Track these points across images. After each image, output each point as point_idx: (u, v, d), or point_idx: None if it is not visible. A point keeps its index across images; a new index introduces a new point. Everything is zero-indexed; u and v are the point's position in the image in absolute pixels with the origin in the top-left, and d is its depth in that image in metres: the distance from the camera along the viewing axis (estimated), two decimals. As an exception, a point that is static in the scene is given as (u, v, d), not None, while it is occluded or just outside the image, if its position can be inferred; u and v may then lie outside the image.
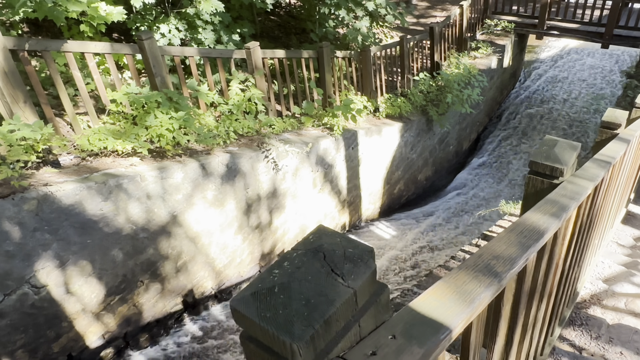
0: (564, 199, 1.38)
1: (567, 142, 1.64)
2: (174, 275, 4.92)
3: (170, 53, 5.13)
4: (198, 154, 4.89)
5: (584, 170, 1.74)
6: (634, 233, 4.64)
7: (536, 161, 1.60)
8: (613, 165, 2.10)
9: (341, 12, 7.05)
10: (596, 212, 2.41)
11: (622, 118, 2.61)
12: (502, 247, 0.99)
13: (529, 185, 1.67)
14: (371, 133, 7.35)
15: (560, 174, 1.56)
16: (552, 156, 1.57)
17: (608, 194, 2.60)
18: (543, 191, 1.58)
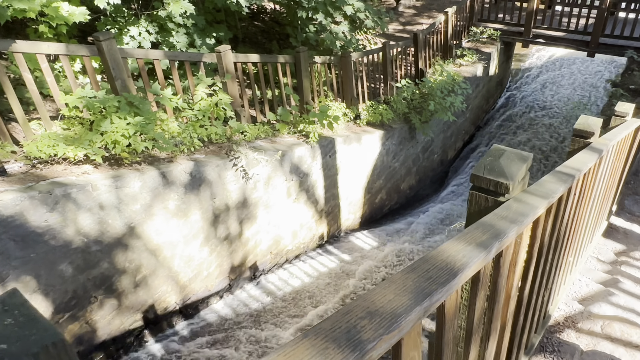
0: (502, 223, 1.14)
1: (515, 152, 1.40)
2: (132, 290, 4.64)
3: (132, 55, 4.88)
4: (159, 162, 4.63)
5: (539, 185, 1.50)
6: (615, 247, 4.43)
7: (478, 175, 1.36)
8: (579, 178, 1.88)
9: (319, 16, 6.84)
10: (565, 230, 2.19)
11: (595, 126, 2.40)
12: (387, 297, 0.74)
13: (471, 203, 1.43)
14: (350, 141, 7.13)
15: (505, 190, 1.33)
16: (496, 169, 1.33)
17: (580, 209, 2.38)
18: (487, 210, 1.35)
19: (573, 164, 1.85)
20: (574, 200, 2.07)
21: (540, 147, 10.86)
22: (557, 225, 1.86)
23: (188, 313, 5.43)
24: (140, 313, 4.84)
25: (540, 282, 1.96)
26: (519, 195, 1.37)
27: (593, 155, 2.09)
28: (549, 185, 1.52)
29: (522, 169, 1.36)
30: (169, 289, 5.05)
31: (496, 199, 1.36)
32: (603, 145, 2.33)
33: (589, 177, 2.26)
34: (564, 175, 1.68)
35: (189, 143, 4.82)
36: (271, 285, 6.29)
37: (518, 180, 1.35)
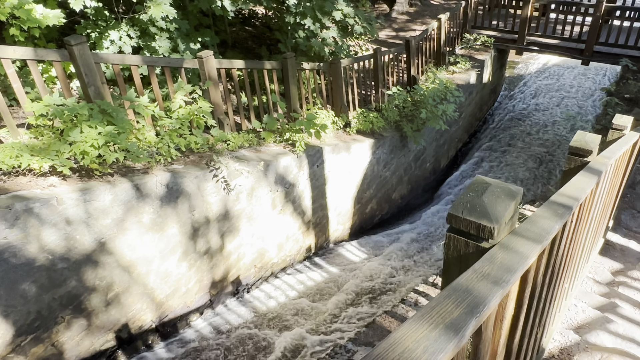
0: (481, 286, 0.91)
1: (502, 187, 1.17)
2: (103, 309, 4.37)
3: (107, 60, 4.64)
4: (134, 174, 4.38)
5: (531, 224, 1.27)
6: (612, 266, 4.22)
7: (456, 215, 1.14)
8: (580, 204, 1.67)
9: (307, 21, 6.63)
10: (561, 262, 1.97)
11: (593, 143, 2.18)
12: None
13: (449, 248, 1.20)
14: (339, 150, 6.91)
15: (489, 235, 1.10)
16: (478, 208, 1.11)
17: (577, 237, 2.17)
18: (468, 256, 1.13)
19: (570, 192, 1.63)
20: (571, 232, 1.85)
21: (535, 156, 10.69)
22: (552, 262, 1.64)
23: (166, 331, 5.17)
24: (113, 333, 4.57)
25: (532, 324, 1.74)
26: (507, 240, 1.14)
27: (592, 178, 1.88)
28: (543, 224, 1.29)
29: (510, 207, 1.13)
30: (144, 307, 4.79)
31: (478, 244, 1.13)
32: (602, 165, 2.12)
33: (587, 202, 2.05)
34: (561, 207, 1.46)
35: (166, 153, 4.57)
36: (255, 300, 6.03)
37: (505, 221, 1.12)
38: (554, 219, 1.35)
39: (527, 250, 1.13)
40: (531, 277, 1.35)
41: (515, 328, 1.49)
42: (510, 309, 1.23)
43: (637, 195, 5.53)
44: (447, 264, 1.21)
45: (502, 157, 10.86)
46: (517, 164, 10.55)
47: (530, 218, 1.32)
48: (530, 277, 1.34)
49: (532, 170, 10.35)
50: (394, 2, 13.92)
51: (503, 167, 10.50)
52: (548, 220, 1.33)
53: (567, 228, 1.67)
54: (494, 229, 1.09)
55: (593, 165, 2.09)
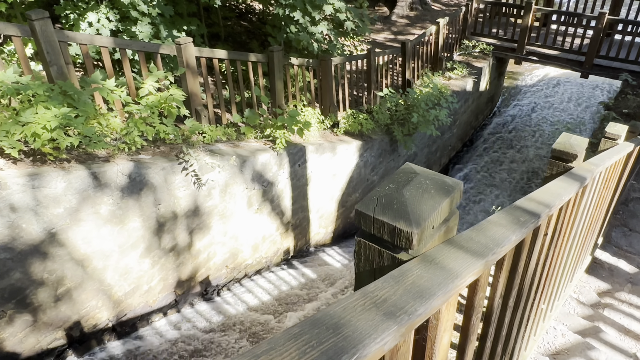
0: (363, 322, 0.59)
1: (433, 179, 0.86)
2: (52, 304, 4.07)
3: (74, 40, 4.35)
4: (94, 161, 4.09)
5: (477, 232, 0.97)
6: (598, 286, 3.94)
7: (365, 213, 0.84)
8: (551, 215, 1.39)
9: (296, 14, 6.36)
10: (534, 279, 1.69)
11: (578, 147, 1.91)
12: None
13: (360, 257, 0.91)
14: (323, 150, 6.62)
15: (407, 243, 0.81)
16: (396, 205, 0.81)
17: (556, 250, 1.89)
18: (383, 271, 0.84)
19: (541, 197, 1.34)
20: (546, 246, 1.57)
21: (525, 169, 10.44)
22: (517, 282, 1.36)
23: (124, 331, 4.86)
24: (63, 330, 4.27)
25: (492, 354, 1.45)
26: (434, 252, 0.85)
27: (573, 185, 1.60)
28: (494, 232, 1.00)
29: (441, 206, 0.84)
30: (100, 304, 4.49)
31: (394, 254, 0.84)
32: (587, 172, 1.84)
33: (568, 210, 1.77)
34: (525, 213, 1.18)
35: (131, 141, 4.28)
36: (224, 303, 5.73)
37: (431, 225, 0.83)
38: (510, 228, 1.06)
39: (460, 266, 0.83)
40: (477, 300, 1.06)
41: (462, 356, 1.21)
42: (443, 339, 0.94)
43: (630, 212, 5.26)
44: (359, 279, 0.92)
45: (492, 168, 10.61)
46: (505, 174, 10.30)
47: (478, 225, 1.03)
48: (476, 300, 1.06)
49: (520, 181, 10.10)
50: (394, 5, 13.69)
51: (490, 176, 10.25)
52: (502, 228, 1.03)
53: (537, 241, 1.39)
54: (413, 235, 0.80)
55: (576, 170, 1.81)
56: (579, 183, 1.67)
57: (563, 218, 1.77)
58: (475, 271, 0.85)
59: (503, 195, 9.81)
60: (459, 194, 0.90)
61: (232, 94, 6.02)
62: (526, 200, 1.30)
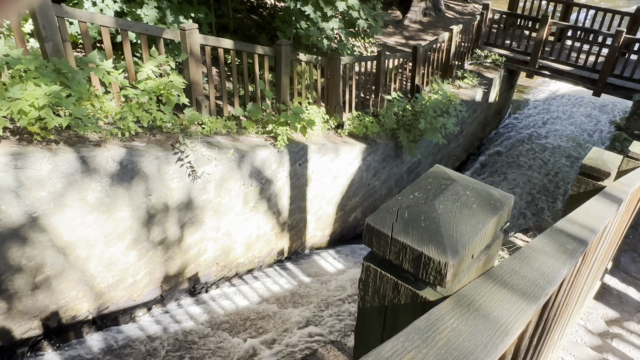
0: None
1: (475, 189, 0.58)
2: (29, 292, 3.85)
3: (73, 16, 4.14)
4: (84, 144, 3.88)
5: (522, 263, 0.71)
6: (606, 313, 3.73)
7: (380, 230, 0.59)
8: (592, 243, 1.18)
9: (308, 8, 6.15)
10: (555, 315, 1.48)
11: (612, 164, 1.70)
12: None
13: (367, 288, 0.62)
14: (326, 150, 6.41)
15: (438, 278, 0.54)
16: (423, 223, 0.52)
17: (578, 282, 1.68)
18: (398, 310, 0.59)
19: (585, 220, 1.12)
20: (573, 275, 1.36)
21: (532, 185, 10.23)
22: (544, 319, 1.16)
23: (104, 324, 4.65)
24: (39, 320, 4.05)
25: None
26: (472, 291, 0.62)
27: (611, 207, 1.40)
28: (543, 264, 0.78)
29: (486, 228, 0.62)
30: (81, 295, 4.27)
31: (416, 290, 0.63)
32: (622, 193, 1.63)
33: (599, 237, 1.57)
34: (570, 240, 0.96)
35: (125, 127, 4.07)
36: (212, 301, 5.52)
37: (471, 254, 0.62)
38: (559, 257, 0.84)
39: (509, 314, 0.60)
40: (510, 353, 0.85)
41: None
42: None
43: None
44: (363, 317, 0.71)
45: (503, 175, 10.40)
46: (517, 182, 10.09)
47: (522, 252, 0.82)
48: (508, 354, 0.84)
49: (531, 194, 9.89)
50: (407, 9, 13.49)
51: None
52: (550, 258, 0.82)
53: (574, 270, 1.18)
54: (448, 267, 0.59)
55: (611, 190, 1.60)
56: (617, 205, 1.46)
57: (594, 244, 1.56)
58: (525, 321, 0.63)
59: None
60: (508, 212, 0.68)
61: (236, 86, 5.81)
62: (568, 222, 1.08)
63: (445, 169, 0.73)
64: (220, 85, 5.76)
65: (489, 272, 0.70)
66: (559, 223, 1.07)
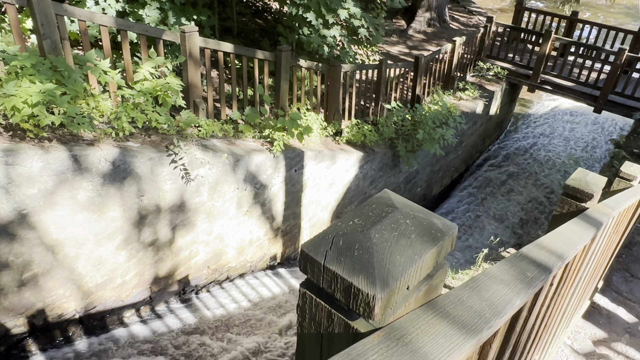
0: None
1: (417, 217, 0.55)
2: (15, 289, 3.84)
3: (73, 15, 4.15)
4: (77, 143, 3.87)
5: (471, 292, 0.70)
6: (594, 333, 3.70)
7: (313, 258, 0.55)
8: (567, 264, 1.16)
9: (309, 15, 6.16)
10: (529, 337, 1.46)
11: (595, 186, 1.69)
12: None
13: (304, 313, 0.61)
14: (322, 157, 6.41)
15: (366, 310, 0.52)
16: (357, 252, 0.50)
17: (556, 305, 1.66)
18: (332, 339, 0.57)
19: (555, 245, 1.11)
20: (548, 299, 1.35)
21: (520, 201, 10.21)
22: (512, 340, 1.14)
23: (91, 324, 4.62)
24: (25, 318, 4.03)
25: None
26: (404, 325, 0.59)
27: (589, 230, 1.38)
28: (493, 292, 0.75)
29: (423, 260, 0.59)
30: (68, 294, 4.25)
31: (348, 321, 0.61)
32: (604, 216, 1.62)
33: (576, 261, 1.55)
34: (533, 267, 0.95)
35: (119, 127, 4.07)
36: (202, 304, 5.49)
37: (405, 285, 0.59)
38: (515, 287, 0.81)
39: (442, 351, 0.57)
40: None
41: None
42: None
43: (634, 257, 5.02)
44: (302, 344, 0.69)
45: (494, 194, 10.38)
46: (508, 202, 10.07)
47: (473, 280, 0.79)
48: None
49: (524, 209, 9.86)
50: (412, 19, 13.53)
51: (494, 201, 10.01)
52: (504, 287, 0.79)
53: (540, 297, 1.16)
54: (375, 301, 0.58)
55: (592, 213, 1.59)
56: (595, 229, 1.44)
57: (571, 267, 1.54)
58: (462, 357, 0.61)
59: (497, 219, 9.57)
60: (451, 242, 0.66)
61: (235, 89, 5.81)
62: (536, 247, 1.06)
63: (391, 195, 0.71)
64: (219, 88, 5.76)
65: (431, 303, 0.68)
66: (526, 248, 1.05)
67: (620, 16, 21.36)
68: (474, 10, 15.64)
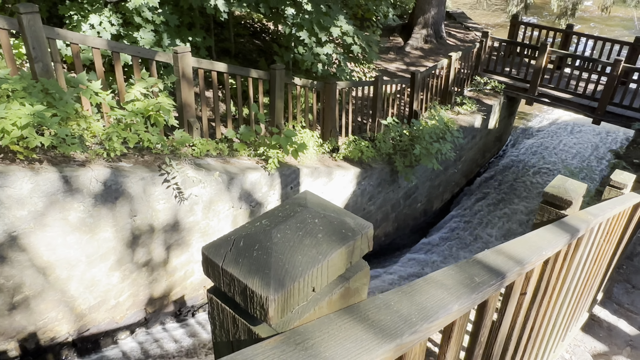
0: None
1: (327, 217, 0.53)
2: (6, 312, 3.81)
3: (65, 38, 4.21)
4: (68, 164, 3.88)
5: (404, 295, 0.64)
6: (594, 347, 3.61)
7: (213, 260, 0.52)
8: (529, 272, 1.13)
9: (302, 33, 6.23)
10: (508, 344, 1.41)
11: (574, 192, 1.66)
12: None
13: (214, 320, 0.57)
14: (318, 174, 6.40)
15: (263, 315, 0.50)
16: (256, 253, 0.51)
17: (541, 311, 1.62)
18: (240, 344, 0.56)
19: (514, 250, 1.06)
20: (524, 303, 1.31)
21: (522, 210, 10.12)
22: (479, 349, 1.10)
23: (85, 347, 4.57)
24: (16, 341, 3.99)
25: None
26: (309, 330, 0.52)
27: (560, 236, 1.35)
28: (428, 297, 0.71)
29: (328, 259, 0.54)
30: (61, 316, 4.22)
31: (250, 326, 0.58)
32: (582, 222, 1.58)
33: (557, 265, 1.51)
34: (485, 271, 0.90)
35: (110, 147, 4.08)
36: (199, 325, 5.43)
37: (310, 286, 0.55)
38: (456, 291, 0.76)
39: (345, 356, 0.54)
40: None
41: None
42: None
43: (635, 268, 4.93)
44: (216, 351, 0.66)
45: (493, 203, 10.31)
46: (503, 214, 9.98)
47: (413, 284, 0.76)
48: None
49: (521, 222, 9.76)
50: (409, 36, 13.66)
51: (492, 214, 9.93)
52: (443, 291, 0.73)
53: (511, 301, 1.12)
54: (269, 302, 0.54)
55: (569, 220, 1.56)
56: (569, 235, 1.41)
57: (550, 274, 1.51)
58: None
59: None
60: (366, 242, 0.63)
61: (229, 108, 5.85)
62: (493, 253, 1.03)
63: (308, 195, 0.69)
64: (214, 108, 5.80)
65: (350, 307, 0.64)
66: (483, 252, 1.02)
67: (617, 28, 21.49)
68: (471, 26, 15.78)
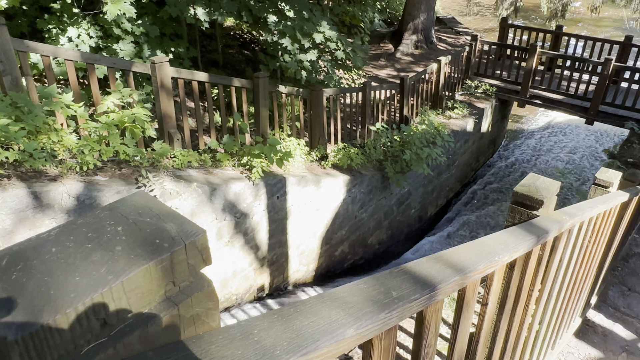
0: None
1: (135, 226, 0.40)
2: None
3: (35, 50, 4.11)
4: (39, 179, 3.76)
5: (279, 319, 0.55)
6: (588, 353, 3.46)
7: None
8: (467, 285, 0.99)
9: (285, 41, 6.14)
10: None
11: (546, 191, 1.53)
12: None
13: None
14: (306, 182, 6.27)
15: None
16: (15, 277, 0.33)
17: (514, 320, 1.48)
18: None
19: (457, 256, 0.91)
20: (486, 314, 1.17)
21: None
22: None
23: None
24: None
25: None
26: None
27: (524, 239, 1.22)
28: (321, 321, 0.55)
29: (124, 280, 0.37)
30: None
31: None
32: (553, 223, 1.45)
33: (529, 269, 1.38)
34: (409, 283, 0.74)
35: (83, 161, 3.96)
36: (184, 341, 5.26)
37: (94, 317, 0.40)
38: (357, 311, 0.58)
39: None
40: None
41: None
42: None
43: (630, 269, 4.79)
44: None
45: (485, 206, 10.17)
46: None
47: (302, 303, 0.62)
48: None
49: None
50: (399, 42, 13.62)
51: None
52: (342, 312, 0.56)
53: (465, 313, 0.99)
54: (10, 346, 0.40)
55: (538, 221, 1.43)
56: (534, 237, 1.28)
57: (520, 279, 1.38)
58: None
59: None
60: (196, 253, 0.50)
61: (212, 118, 5.74)
62: (430, 260, 0.89)
63: (138, 196, 0.56)
64: (196, 118, 5.69)
65: (180, 342, 0.50)
66: (417, 260, 0.89)
67: (608, 28, 21.52)
68: (461, 31, 15.77)
